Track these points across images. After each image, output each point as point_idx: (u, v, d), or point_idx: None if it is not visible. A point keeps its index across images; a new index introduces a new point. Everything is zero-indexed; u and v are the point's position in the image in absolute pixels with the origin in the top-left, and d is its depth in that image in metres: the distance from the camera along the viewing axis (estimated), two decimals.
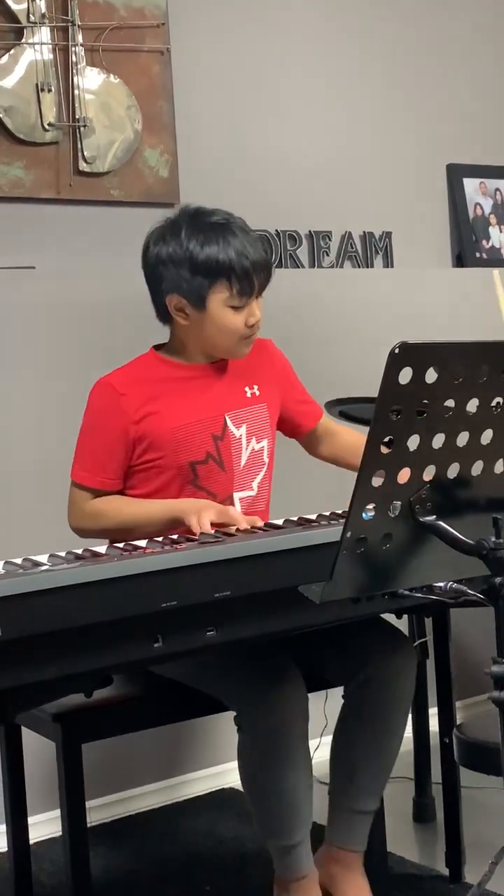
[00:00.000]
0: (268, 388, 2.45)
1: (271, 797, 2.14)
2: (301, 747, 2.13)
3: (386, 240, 3.57)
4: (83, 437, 2.33)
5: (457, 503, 1.68)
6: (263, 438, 2.41)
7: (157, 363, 2.38)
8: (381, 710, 2.26)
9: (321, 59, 3.47)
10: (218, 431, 2.33)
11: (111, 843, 2.83)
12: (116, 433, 2.28)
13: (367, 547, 1.61)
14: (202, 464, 2.32)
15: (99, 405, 2.32)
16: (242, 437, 2.37)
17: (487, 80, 3.86)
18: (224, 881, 2.59)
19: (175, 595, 1.69)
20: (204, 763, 3.15)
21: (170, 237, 2.28)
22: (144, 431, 2.28)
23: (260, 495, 2.41)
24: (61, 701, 2.06)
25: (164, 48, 3.10)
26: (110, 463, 2.29)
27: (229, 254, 2.22)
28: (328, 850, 2.31)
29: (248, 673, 2.12)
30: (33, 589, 1.59)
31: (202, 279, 2.25)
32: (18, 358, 2.86)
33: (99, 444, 2.30)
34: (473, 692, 3.29)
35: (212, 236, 2.24)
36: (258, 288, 2.29)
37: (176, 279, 2.27)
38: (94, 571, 1.65)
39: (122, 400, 2.29)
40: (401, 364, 1.52)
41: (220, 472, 2.33)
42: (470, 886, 2.39)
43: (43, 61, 2.90)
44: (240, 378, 2.41)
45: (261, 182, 3.33)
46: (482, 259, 3.79)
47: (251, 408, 2.40)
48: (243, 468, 2.37)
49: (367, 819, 2.30)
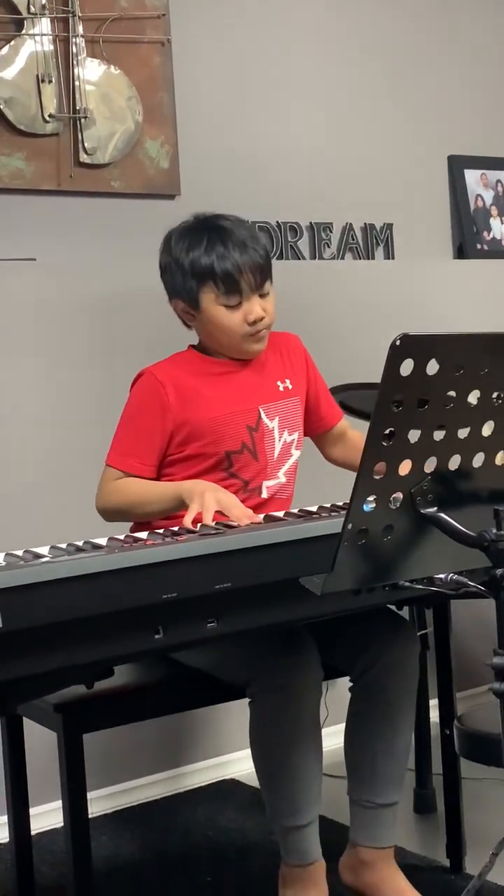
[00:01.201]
0: (298, 381, 2.52)
1: (281, 771, 2.14)
2: (313, 721, 2.15)
3: (387, 231, 3.57)
4: (122, 424, 2.39)
5: (458, 495, 1.68)
6: (295, 431, 2.48)
7: (195, 359, 2.45)
8: (390, 694, 2.27)
9: (322, 49, 3.46)
10: (253, 423, 2.40)
11: (113, 833, 2.83)
12: (155, 421, 2.35)
13: (368, 538, 1.61)
14: (237, 454, 2.38)
15: (140, 394, 2.39)
16: (275, 429, 2.43)
17: (489, 70, 3.85)
18: (226, 872, 2.59)
19: (176, 587, 1.69)
20: (206, 754, 3.16)
21: (166, 246, 2.40)
22: (184, 421, 2.35)
23: (288, 482, 2.47)
24: (62, 692, 2.06)
25: (165, 39, 3.10)
26: (147, 449, 2.35)
27: (210, 257, 2.31)
28: (356, 856, 2.29)
29: (261, 643, 2.13)
30: (34, 580, 1.59)
31: (191, 281, 2.34)
32: (19, 349, 2.86)
33: (137, 431, 2.36)
34: (474, 683, 3.29)
35: (195, 241, 2.33)
36: (249, 287, 2.33)
37: (174, 285, 2.39)
38: (94, 563, 1.65)
39: (163, 390, 2.35)
40: (402, 356, 1.51)
41: (254, 462, 2.40)
42: (471, 877, 2.40)
43: (43, 52, 2.90)
44: (272, 373, 2.48)
45: (262, 173, 3.32)
46: (483, 250, 3.79)
47: (284, 401, 2.47)
48: (276, 459, 2.43)
49: (393, 812, 2.29)
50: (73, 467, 2.82)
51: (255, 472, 2.40)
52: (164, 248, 2.40)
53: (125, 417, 2.39)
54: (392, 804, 2.29)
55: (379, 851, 2.28)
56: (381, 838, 2.29)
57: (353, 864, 2.30)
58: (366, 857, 2.29)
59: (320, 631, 2.24)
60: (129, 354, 2.48)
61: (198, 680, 2.25)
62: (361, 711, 2.30)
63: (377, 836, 2.29)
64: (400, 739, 2.29)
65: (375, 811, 2.28)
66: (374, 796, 2.27)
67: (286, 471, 2.46)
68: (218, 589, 1.72)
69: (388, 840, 2.30)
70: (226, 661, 2.22)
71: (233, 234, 2.32)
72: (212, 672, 2.24)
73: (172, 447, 2.37)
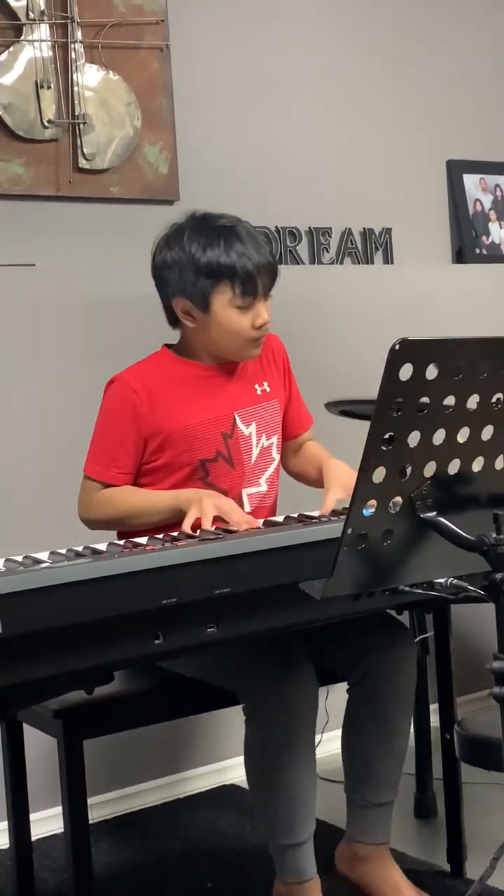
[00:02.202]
0: (277, 384, 2.49)
1: (277, 790, 2.14)
2: (308, 738, 2.14)
3: (386, 236, 3.57)
4: (97, 433, 2.37)
5: (457, 499, 1.68)
6: (273, 435, 2.45)
7: (170, 361, 2.41)
8: (387, 699, 2.28)
9: (321, 55, 3.47)
10: (227, 429, 2.36)
11: (113, 839, 2.83)
12: (129, 428, 2.32)
13: (368, 543, 1.61)
14: (212, 461, 2.34)
15: (113, 401, 2.35)
16: (252, 435, 2.40)
17: (487, 75, 3.85)
18: (225, 877, 2.59)
19: (175, 592, 1.70)
20: (205, 759, 3.15)
21: (174, 242, 2.32)
22: (157, 428, 2.32)
23: (270, 491, 2.44)
24: (62, 697, 2.06)
25: (164, 45, 3.10)
26: (122, 457, 2.32)
27: (231, 256, 2.26)
28: (351, 849, 2.32)
29: (258, 658, 2.13)
30: (34, 586, 1.59)
31: (205, 280, 2.28)
32: (19, 355, 2.86)
33: (112, 439, 2.33)
34: (474, 688, 3.29)
35: (214, 239, 2.28)
36: (262, 289, 2.31)
37: (181, 282, 2.31)
38: (94, 568, 1.65)
39: (136, 396, 2.32)
40: (401, 360, 1.52)
41: (230, 470, 2.36)
42: (471, 882, 2.39)
43: (42, 58, 2.90)
44: (250, 376, 2.44)
45: (260, 178, 3.32)
46: (482, 255, 3.79)
47: (261, 405, 2.43)
48: (253, 465, 2.40)
49: (388, 810, 2.32)
50: (72, 472, 2.81)
51: (233, 480, 2.37)
52: (172, 245, 2.32)
53: (99, 426, 2.36)
54: (388, 803, 2.32)
55: (374, 847, 2.31)
56: (377, 835, 2.32)
57: (350, 858, 2.33)
58: (361, 852, 2.32)
59: (318, 636, 2.24)
60: (128, 359, 2.47)
61: (197, 686, 2.25)
62: (359, 715, 2.31)
63: (373, 833, 2.32)
64: (397, 742, 2.31)
65: (371, 810, 2.31)
66: (369, 796, 2.30)
67: (267, 478, 2.43)
68: (217, 594, 1.73)
69: (384, 836, 2.33)
70: (220, 678, 2.21)
71: (244, 235, 2.30)
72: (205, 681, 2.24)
73: (147, 455, 2.34)
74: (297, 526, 1.99)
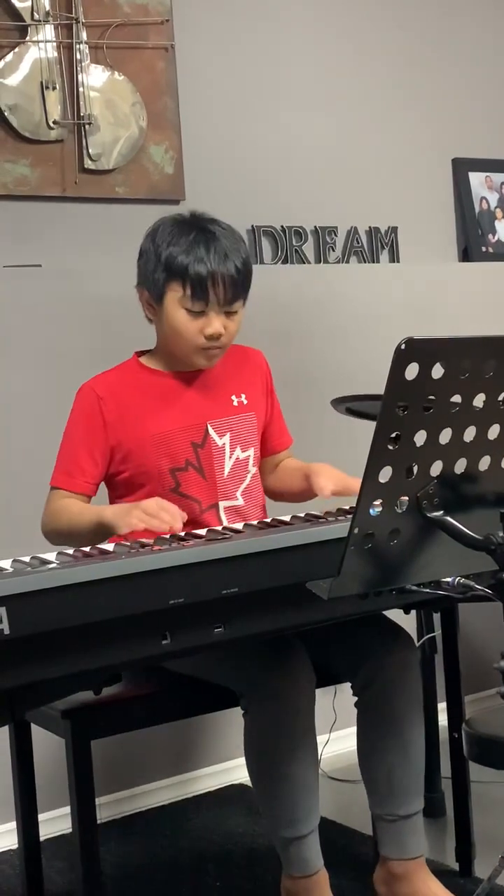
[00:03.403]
0: (255, 397, 2.45)
1: (277, 782, 2.13)
2: (307, 730, 2.14)
3: (392, 235, 3.57)
4: (64, 442, 2.34)
5: (464, 498, 1.68)
6: (250, 447, 2.41)
7: (139, 370, 2.40)
8: (396, 709, 2.25)
9: (325, 54, 3.47)
10: (198, 439, 2.33)
11: (121, 839, 2.83)
12: (96, 437, 2.30)
13: (375, 543, 1.61)
14: (182, 471, 2.32)
15: (80, 410, 2.33)
16: (226, 446, 2.37)
17: (492, 73, 3.85)
18: (234, 876, 2.59)
19: (183, 592, 1.70)
20: (213, 759, 3.15)
21: (153, 233, 2.32)
22: (124, 437, 2.30)
23: (249, 505, 2.39)
24: (70, 698, 2.06)
25: (169, 45, 3.10)
26: (89, 466, 2.30)
27: (189, 257, 2.24)
28: (387, 869, 2.27)
29: (255, 656, 2.12)
30: (41, 587, 1.60)
31: (162, 274, 2.27)
32: (25, 356, 2.86)
33: (78, 448, 2.31)
34: (482, 687, 3.28)
35: (183, 237, 2.26)
36: (216, 299, 2.26)
37: (144, 272, 2.32)
38: (101, 569, 1.65)
39: (103, 404, 2.30)
40: (407, 360, 1.52)
41: (202, 480, 2.33)
42: (480, 881, 2.39)
43: (47, 59, 2.90)
44: (225, 386, 2.41)
45: (266, 178, 3.33)
46: (489, 253, 3.78)
47: (237, 416, 2.40)
48: (227, 477, 2.36)
49: (417, 821, 2.28)
50: None
51: (206, 491, 2.33)
52: (148, 234, 2.33)
53: (67, 435, 2.33)
54: (415, 814, 2.27)
55: (409, 863, 2.26)
56: (410, 849, 2.27)
57: (386, 878, 2.28)
58: (397, 869, 2.27)
59: (319, 637, 2.23)
60: None
61: (205, 686, 2.25)
62: (370, 727, 2.28)
63: (405, 848, 2.27)
64: (413, 749, 2.28)
65: (399, 823, 2.26)
66: (395, 809, 2.26)
67: (244, 491, 2.38)
68: (225, 594, 1.73)
69: (417, 850, 2.28)
70: (217, 673, 2.21)
71: (219, 242, 2.26)
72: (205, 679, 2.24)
73: (115, 465, 2.31)
74: (304, 525, 1.99)
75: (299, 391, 3.22)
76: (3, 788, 2.52)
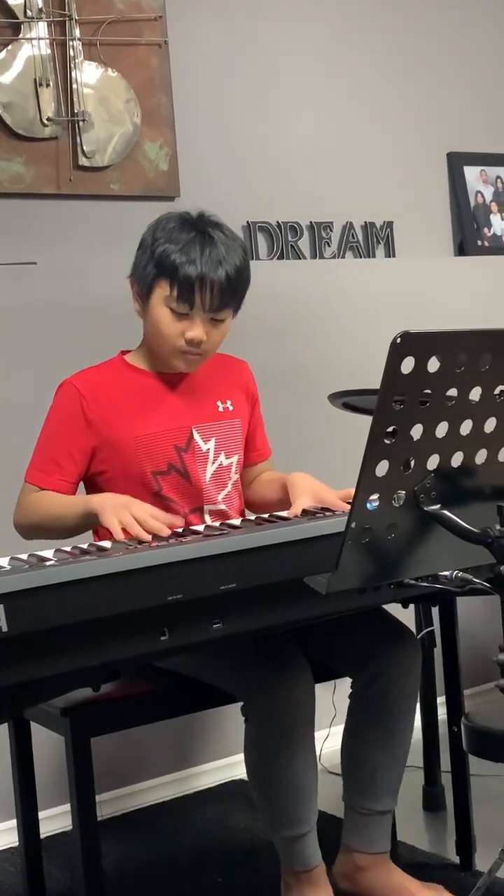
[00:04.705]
0: (240, 405, 2.43)
1: (278, 786, 2.14)
2: (307, 735, 2.14)
3: (387, 229, 3.56)
4: (42, 438, 2.31)
5: (461, 492, 1.68)
6: (234, 454, 2.39)
7: (124, 368, 2.37)
8: (390, 705, 2.26)
9: (320, 48, 3.46)
10: (182, 443, 2.31)
11: (122, 836, 2.83)
12: (76, 435, 2.27)
13: (372, 537, 1.61)
14: (164, 475, 2.29)
15: (61, 406, 2.30)
16: (210, 451, 2.34)
17: (487, 67, 3.85)
18: (235, 872, 2.59)
19: (181, 588, 1.70)
20: (213, 755, 3.16)
21: (153, 225, 2.30)
22: (106, 438, 2.27)
23: (231, 510, 2.38)
24: (69, 695, 2.06)
25: (162, 41, 3.09)
26: (67, 465, 2.27)
27: (181, 257, 2.21)
28: (352, 860, 2.29)
29: (253, 662, 2.12)
30: (39, 584, 1.60)
31: (152, 269, 2.25)
32: (21, 354, 2.86)
33: (57, 446, 2.28)
34: (481, 680, 3.29)
35: (179, 236, 2.24)
36: (202, 304, 2.23)
37: (138, 263, 2.31)
38: (99, 566, 1.65)
39: (84, 402, 2.28)
40: (403, 353, 1.51)
41: (186, 485, 2.31)
42: (480, 874, 2.40)
43: (41, 56, 2.90)
44: (211, 392, 2.39)
45: (261, 173, 3.32)
46: (484, 247, 3.78)
47: (223, 422, 2.38)
48: (209, 482, 2.34)
49: (389, 818, 2.31)
50: None
51: (190, 496, 2.31)
52: (151, 226, 2.30)
53: (45, 431, 2.30)
54: (390, 811, 2.30)
55: (375, 856, 2.28)
56: (379, 844, 2.29)
57: (349, 870, 2.30)
58: (362, 861, 2.29)
59: (319, 634, 2.23)
60: None
61: (205, 683, 2.25)
62: (363, 721, 2.29)
63: (375, 842, 2.29)
64: (402, 749, 2.29)
65: (374, 818, 2.28)
66: (373, 804, 2.28)
67: (225, 497, 2.36)
68: (223, 590, 1.73)
69: (385, 845, 2.30)
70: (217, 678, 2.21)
71: (215, 247, 2.23)
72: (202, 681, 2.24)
73: (96, 464, 2.28)
74: (301, 520, 1.99)
75: (296, 386, 3.23)
76: (3, 786, 2.52)
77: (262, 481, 2.50)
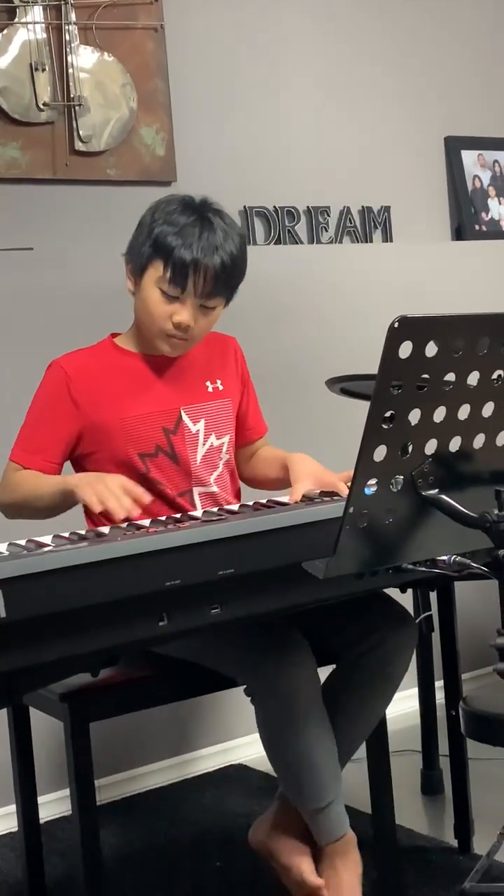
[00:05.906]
0: (231, 384, 2.43)
1: (293, 763, 2.14)
2: (315, 710, 2.13)
3: (385, 214, 3.56)
4: (28, 418, 2.32)
5: (459, 476, 1.68)
6: (224, 435, 2.38)
7: (113, 350, 2.37)
8: (373, 681, 2.24)
9: (317, 33, 3.45)
10: (170, 425, 2.30)
11: (121, 821, 2.84)
12: (63, 416, 2.27)
13: (370, 522, 1.61)
14: (152, 457, 2.29)
15: (48, 387, 2.30)
16: (200, 432, 2.34)
17: (484, 51, 3.84)
18: (234, 857, 2.60)
19: (179, 574, 1.70)
20: (212, 740, 3.16)
21: (154, 206, 2.29)
22: (92, 419, 2.27)
23: (223, 492, 2.37)
24: (68, 681, 2.07)
25: (158, 25, 3.08)
26: (52, 445, 2.27)
27: (177, 240, 2.20)
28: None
29: (252, 643, 2.12)
30: (38, 570, 1.59)
31: (148, 249, 2.24)
32: (17, 340, 2.85)
33: (43, 426, 2.28)
34: (479, 664, 3.30)
35: (178, 219, 2.23)
36: (193, 289, 2.22)
37: (134, 242, 2.30)
38: (98, 551, 1.65)
39: (72, 384, 2.27)
40: (400, 338, 1.51)
41: (174, 467, 2.31)
42: (479, 857, 2.41)
43: (36, 41, 2.89)
44: (200, 372, 2.38)
45: (258, 158, 3.32)
46: (482, 232, 3.78)
47: (212, 403, 2.37)
48: (199, 464, 2.33)
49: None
50: None
51: (178, 478, 2.31)
52: (152, 206, 2.29)
53: (32, 411, 2.30)
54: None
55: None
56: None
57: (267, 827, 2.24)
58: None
59: (319, 618, 2.23)
60: None
61: (203, 667, 2.25)
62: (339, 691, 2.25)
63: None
64: (366, 729, 2.27)
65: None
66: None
67: (217, 479, 2.36)
68: (221, 575, 1.73)
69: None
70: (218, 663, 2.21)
71: (213, 233, 2.22)
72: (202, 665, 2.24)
73: (82, 445, 2.28)
74: (299, 505, 1.99)
75: (293, 372, 3.22)
76: (2, 772, 2.53)
77: (262, 458, 2.50)
